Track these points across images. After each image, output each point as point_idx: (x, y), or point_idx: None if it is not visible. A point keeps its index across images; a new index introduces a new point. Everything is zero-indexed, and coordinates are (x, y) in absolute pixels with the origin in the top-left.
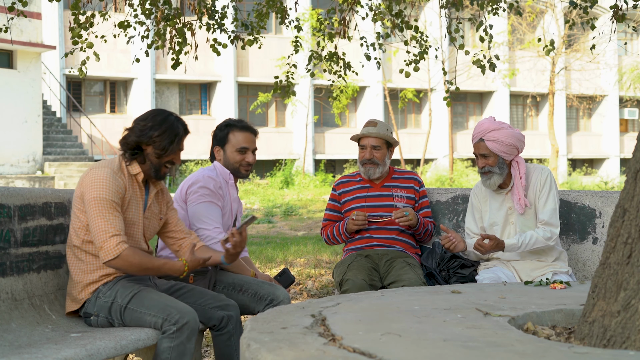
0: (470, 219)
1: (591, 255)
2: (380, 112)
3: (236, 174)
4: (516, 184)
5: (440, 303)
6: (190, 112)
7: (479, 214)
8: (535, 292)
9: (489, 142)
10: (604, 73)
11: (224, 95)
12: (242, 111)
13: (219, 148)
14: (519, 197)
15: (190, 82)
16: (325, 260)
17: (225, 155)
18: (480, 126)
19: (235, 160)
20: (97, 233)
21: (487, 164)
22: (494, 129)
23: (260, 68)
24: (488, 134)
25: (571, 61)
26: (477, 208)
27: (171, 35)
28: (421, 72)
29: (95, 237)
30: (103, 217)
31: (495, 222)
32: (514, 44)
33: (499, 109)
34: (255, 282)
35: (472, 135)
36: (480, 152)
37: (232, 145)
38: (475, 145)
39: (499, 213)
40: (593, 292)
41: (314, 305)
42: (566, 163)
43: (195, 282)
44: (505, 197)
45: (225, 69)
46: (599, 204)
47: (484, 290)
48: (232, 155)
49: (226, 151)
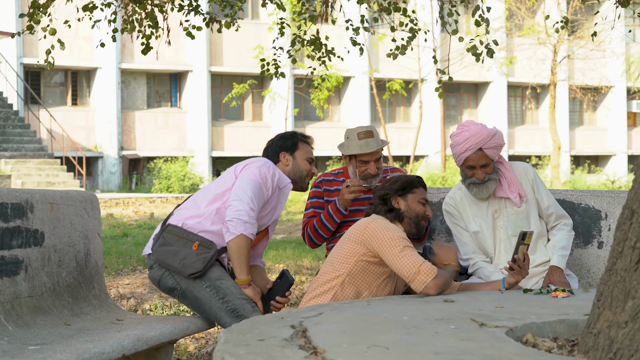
0: (460, 237)
1: (596, 261)
2: (365, 104)
3: (300, 183)
4: (507, 178)
5: (431, 313)
6: (159, 104)
7: (463, 223)
8: (535, 300)
9: (489, 150)
10: (610, 62)
11: (195, 86)
12: (216, 103)
13: (287, 154)
14: (517, 191)
15: (159, 72)
16: (306, 266)
17: (295, 162)
18: (477, 135)
19: (305, 169)
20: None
21: (487, 172)
22: (490, 134)
23: (235, 57)
24: (488, 141)
25: (574, 49)
26: (459, 219)
27: (140, 18)
28: (411, 61)
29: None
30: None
31: (481, 230)
32: (511, 30)
33: (495, 101)
34: (240, 296)
35: (463, 146)
36: (480, 162)
37: (303, 154)
38: (471, 157)
39: (484, 219)
40: (598, 301)
41: (294, 315)
42: (569, 160)
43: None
44: (489, 200)
45: (197, 58)
46: (605, 205)
47: (479, 299)
48: (303, 163)
49: (296, 158)
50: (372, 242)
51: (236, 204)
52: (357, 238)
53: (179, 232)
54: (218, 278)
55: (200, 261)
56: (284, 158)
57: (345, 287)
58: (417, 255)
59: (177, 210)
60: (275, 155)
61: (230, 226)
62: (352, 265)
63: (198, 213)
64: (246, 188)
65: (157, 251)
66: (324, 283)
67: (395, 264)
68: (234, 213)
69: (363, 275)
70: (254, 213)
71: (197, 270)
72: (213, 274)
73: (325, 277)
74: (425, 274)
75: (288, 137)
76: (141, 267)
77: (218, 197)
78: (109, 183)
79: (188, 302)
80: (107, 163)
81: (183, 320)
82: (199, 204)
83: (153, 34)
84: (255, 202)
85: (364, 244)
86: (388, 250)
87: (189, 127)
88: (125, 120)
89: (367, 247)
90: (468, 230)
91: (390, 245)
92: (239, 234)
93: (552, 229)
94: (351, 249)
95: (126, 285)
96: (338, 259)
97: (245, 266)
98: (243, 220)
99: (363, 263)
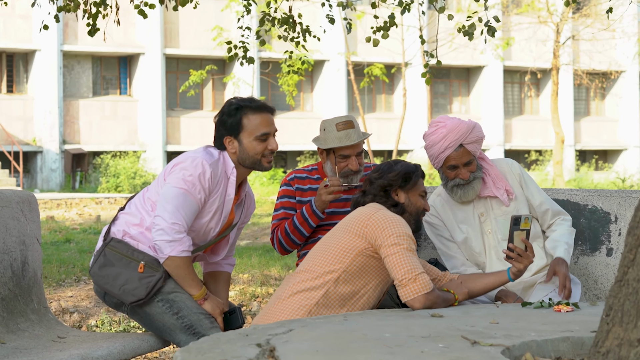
0: (446, 250)
1: (605, 270)
2: (342, 92)
3: (256, 167)
4: (492, 175)
5: (417, 329)
6: (106, 91)
7: (448, 233)
8: (535, 315)
9: (470, 145)
10: (620, 44)
11: (148, 70)
12: (171, 91)
13: (231, 138)
14: (504, 187)
15: (106, 55)
16: (274, 276)
17: (242, 147)
18: (455, 130)
19: (256, 151)
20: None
21: (471, 171)
22: (469, 128)
23: (192, 38)
24: (468, 136)
25: (580, 29)
26: (443, 229)
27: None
28: (393, 42)
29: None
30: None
31: (468, 236)
32: (508, 8)
33: (490, 87)
34: (197, 311)
35: (442, 145)
36: (463, 160)
37: (249, 133)
38: (452, 156)
39: (470, 225)
40: (607, 316)
41: (260, 332)
42: (574, 155)
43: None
44: (473, 202)
45: (150, 39)
46: (615, 207)
47: (471, 314)
48: (251, 145)
49: (242, 141)
50: (376, 233)
51: (158, 222)
52: (358, 230)
53: (122, 249)
54: (171, 291)
55: (142, 287)
56: (230, 144)
57: (340, 284)
58: (419, 262)
59: (121, 214)
60: (220, 141)
61: (157, 249)
62: (350, 261)
63: (141, 221)
64: (168, 200)
65: (95, 275)
66: (315, 278)
67: (393, 261)
68: (157, 234)
69: (361, 272)
70: (179, 227)
71: (139, 298)
72: (166, 286)
73: (316, 270)
74: (420, 285)
75: (228, 114)
76: (86, 278)
77: (154, 206)
78: (50, 181)
79: (138, 317)
80: (48, 159)
81: (134, 337)
82: (140, 210)
83: (100, 12)
84: (180, 214)
85: (366, 237)
86: (390, 245)
87: (141, 117)
88: (68, 110)
89: (369, 241)
90: (454, 241)
91: (394, 240)
92: (167, 256)
93: (549, 227)
94: (350, 242)
95: (69, 298)
96: (334, 252)
97: (192, 282)
98: (166, 240)
99: (363, 258)
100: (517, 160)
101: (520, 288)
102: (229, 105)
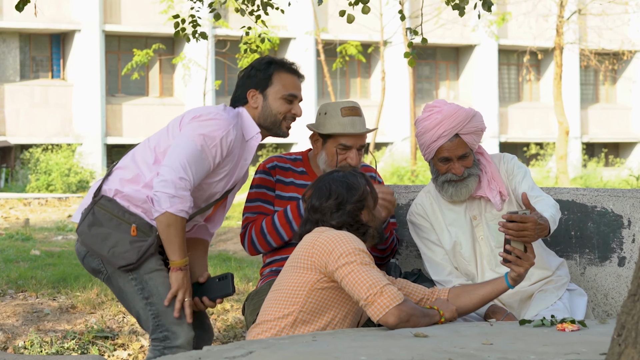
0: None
1: (616, 283)
2: (310, 75)
3: (274, 129)
4: (488, 173)
5: (397, 351)
6: (36, 74)
7: (435, 236)
8: (535, 335)
9: (467, 136)
10: (634, 19)
11: (84, 50)
12: (112, 74)
13: (256, 92)
14: (498, 189)
15: (36, 32)
16: None
17: (266, 102)
18: (452, 117)
19: (280, 111)
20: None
21: (466, 166)
22: (468, 116)
23: (136, 13)
24: (466, 125)
25: (587, 1)
26: (430, 232)
27: None
28: (370, 17)
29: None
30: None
31: (458, 241)
32: None
33: (482, 70)
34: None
35: (434, 133)
36: (458, 153)
37: (277, 91)
38: (446, 147)
39: (461, 228)
40: (619, 336)
41: (216, 355)
42: (580, 149)
43: None
44: (467, 203)
45: (87, 14)
46: (628, 209)
47: (460, 333)
48: (276, 103)
49: (267, 97)
50: (324, 259)
51: (164, 172)
52: (305, 262)
53: (113, 209)
54: (148, 271)
55: (133, 251)
56: (253, 98)
57: (299, 327)
58: (381, 273)
59: (115, 169)
60: (243, 94)
61: (155, 201)
62: (304, 299)
63: (137, 177)
64: (180, 152)
65: (83, 233)
66: (270, 328)
67: (350, 281)
68: (159, 184)
69: (322, 308)
70: (186, 184)
71: (130, 263)
72: (144, 265)
73: (269, 319)
74: (389, 298)
75: (260, 68)
76: (12, 291)
77: (159, 158)
78: None
79: (113, 289)
80: None
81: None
82: (138, 163)
83: None
84: (190, 170)
85: (315, 267)
86: (342, 265)
87: (76, 105)
88: None
89: (319, 270)
90: (442, 246)
91: (345, 259)
92: (164, 212)
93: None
94: (300, 279)
95: None
96: (285, 294)
97: (178, 248)
98: (168, 194)
99: (319, 292)
100: (514, 154)
101: (517, 299)
102: (261, 60)
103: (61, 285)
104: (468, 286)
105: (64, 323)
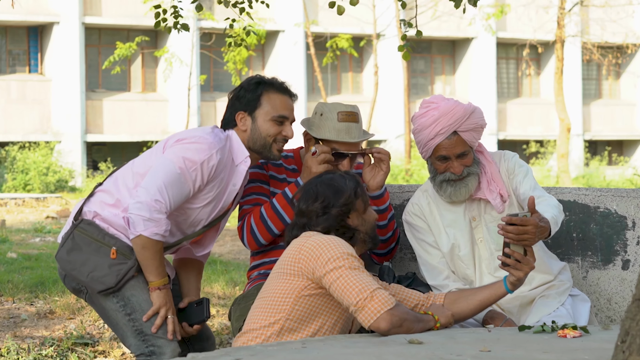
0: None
1: (620, 287)
2: (300, 70)
3: (264, 153)
4: (488, 173)
5: (391, 359)
6: (12, 69)
7: (432, 238)
8: (535, 341)
9: (466, 134)
10: (639, 11)
11: (63, 44)
12: (92, 68)
13: (245, 114)
14: (498, 190)
15: (13, 25)
16: (217, 293)
17: (255, 125)
18: (450, 114)
19: (269, 134)
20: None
21: (466, 165)
22: (466, 112)
23: (118, 5)
24: (465, 122)
25: None
26: (427, 233)
27: None
28: (362, 9)
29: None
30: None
31: (456, 244)
32: None
33: (480, 64)
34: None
35: (432, 130)
36: (456, 151)
37: (266, 112)
38: (444, 144)
39: (459, 230)
40: (623, 342)
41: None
42: (582, 146)
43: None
44: (466, 203)
45: (66, 5)
46: (632, 209)
47: (457, 339)
48: (265, 125)
49: (256, 119)
50: (311, 265)
51: (140, 194)
52: (292, 269)
53: (93, 233)
54: (130, 289)
55: (112, 275)
56: (241, 121)
57: (285, 335)
58: (371, 278)
59: (98, 191)
60: (231, 117)
61: (130, 223)
62: (291, 307)
63: (117, 202)
64: (158, 174)
65: (62, 259)
66: (256, 337)
67: (339, 287)
68: (134, 206)
69: (310, 316)
70: (161, 206)
71: (109, 287)
72: (125, 286)
73: (255, 328)
74: (380, 302)
75: (248, 88)
76: None
77: (139, 182)
78: None
79: (96, 308)
80: None
81: None
82: (120, 187)
83: None
84: (166, 192)
85: (302, 273)
86: (330, 271)
87: (55, 101)
88: None
89: (307, 276)
90: (439, 248)
91: (333, 264)
92: (138, 234)
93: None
94: (287, 285)
95: None
96: (271, 301)
97: (155, 270)
98: (143, 216)
99: (306, 299)
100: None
101: (517, 304)
102: (250, 80)
103: (39, 289)
104: (465, 291)
105: (42, 329)
